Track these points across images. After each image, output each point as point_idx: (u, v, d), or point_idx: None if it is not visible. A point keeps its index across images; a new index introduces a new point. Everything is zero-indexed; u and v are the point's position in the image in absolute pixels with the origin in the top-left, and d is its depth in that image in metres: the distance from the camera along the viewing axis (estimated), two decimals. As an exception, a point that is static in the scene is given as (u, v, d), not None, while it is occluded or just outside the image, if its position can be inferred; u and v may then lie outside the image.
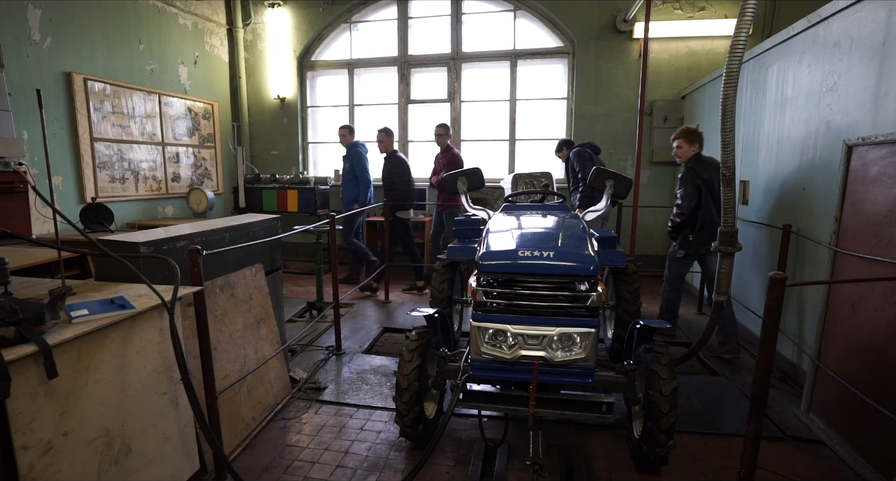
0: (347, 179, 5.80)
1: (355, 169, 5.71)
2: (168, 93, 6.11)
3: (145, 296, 1.81)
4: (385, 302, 5.22)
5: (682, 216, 3.70)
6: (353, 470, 2.40)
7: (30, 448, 1.36)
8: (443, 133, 5.77)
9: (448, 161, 5.67)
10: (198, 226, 2.73)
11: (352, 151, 5.77)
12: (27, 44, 4.45)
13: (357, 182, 5.74)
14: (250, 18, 7.24)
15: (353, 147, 5.79)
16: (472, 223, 3.57)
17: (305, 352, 3.82)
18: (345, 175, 5.83)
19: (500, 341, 2.19)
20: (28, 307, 1.41)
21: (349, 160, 5.76)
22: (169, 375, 1.90)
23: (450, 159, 5.68)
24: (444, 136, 5.78)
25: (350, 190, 5.81)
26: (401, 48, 7.01)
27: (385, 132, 5.76)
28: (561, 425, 2.76)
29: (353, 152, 5.76)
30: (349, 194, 5.82)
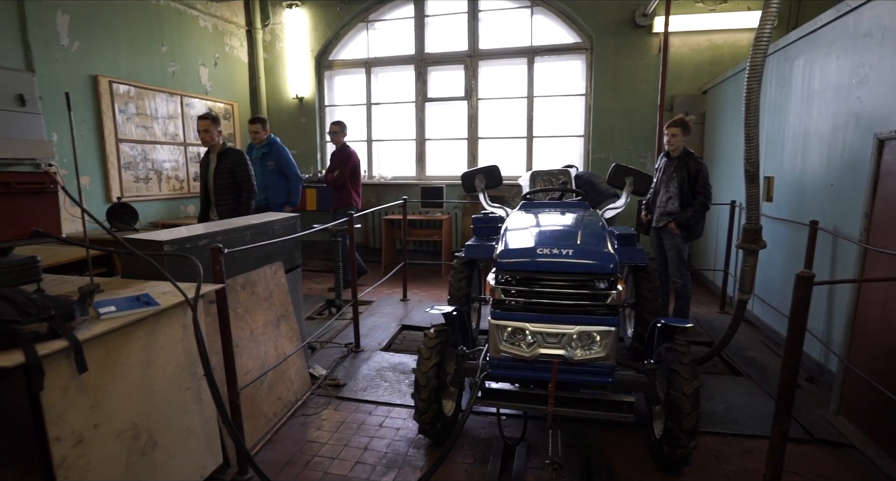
0: (273, 179, 5.02)
1: (283, 166, 5.02)
2: (189, 94, 6.21)
3: (169, 294, 1.84)
4: (404, 300, 5.24)
5: (707, 207, 3.78)
6: (372, 467, 2.42)
7: (63, 439, 1.40)
8: (337, 130, 5.59)
9: (342, 159, 5.54)
10: (219, 224, 2.78)
11: (275, 146, 5.06)
12: (56, 48, 4.57)
13: (286, 181, 5.07)
14: (269, 19, 7.32)
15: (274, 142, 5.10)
16: (489, 221, 3.56)
17: (324, 349, 3.85)
18: (269, 174, 5.01)
19: (518, 339, 2.18)
20: (59, 304, 1.45)
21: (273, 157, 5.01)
22: (192, 371, 1.94)
23: (343, 158, 5.55)
24: (339, 134, 5.61)
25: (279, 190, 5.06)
26: (417, 46, 7.02)
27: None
28: (580, 424, 2.74)
29: (277, 147, 5.08)
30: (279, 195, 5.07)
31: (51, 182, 1.73)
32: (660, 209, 3.99)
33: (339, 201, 5.52)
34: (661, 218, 3.97)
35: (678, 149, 3.87)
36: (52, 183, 1.74)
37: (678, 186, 3.82)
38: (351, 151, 5.56)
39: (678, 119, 3.87)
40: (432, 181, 7.06)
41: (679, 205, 3.83)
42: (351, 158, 5.50)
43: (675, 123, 3.85)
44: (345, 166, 5.44)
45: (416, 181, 7.18)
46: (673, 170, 3.87)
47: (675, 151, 3.88)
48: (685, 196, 3.81)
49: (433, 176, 7.29)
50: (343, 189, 5.49)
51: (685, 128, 3.84)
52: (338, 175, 5.43)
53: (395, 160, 7.51)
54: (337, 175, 5.43)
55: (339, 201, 5.52)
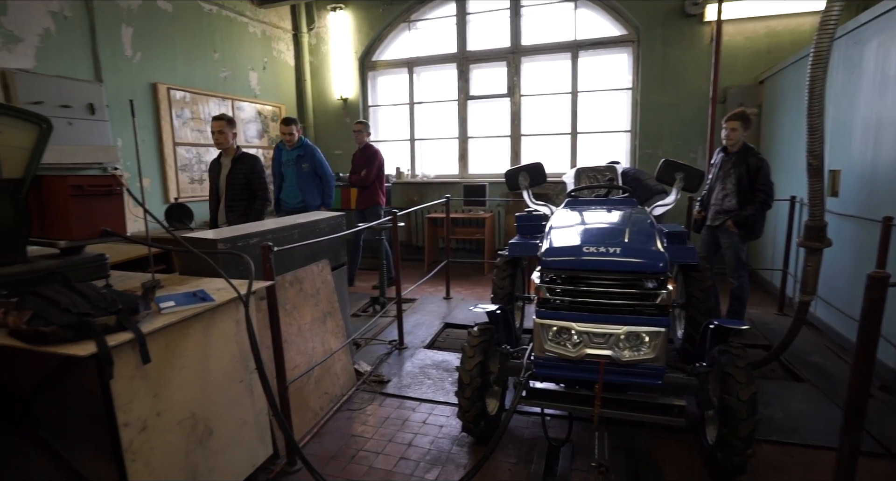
0: (308, 181, 5.02)
1: (317, 168, 5.02)
2: (240, 98, 6.46)
3: (223, 290, 1.92)
4: (447, 298, 5.26)
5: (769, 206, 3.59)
6: (415, 463, 2.44)
7: (130, 425, 1.49)
8: (361, 130, 5.56)
9: (368, 159, 5.50)
10: (268, 223, 2.87)
11: (308, 148, 5.05)
12: (121, 59, 4.87)
13: (320, 182, 5.07)
14: (314, 23, 7.51)
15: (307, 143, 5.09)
16: (533, 219, 3.51)
17: (369, 345, 3.92)
18: (304, 176, 5.01)
19: (564, 339, 2.15)
20: (125, 298, 1.54)
21: (308, 159, 5.00)
22: (245, 364, 2.01)
23: (369, 157, 5.51)
24: (363, 133, 5.56)
25: (315, 192, 5.06)
26: (459, 44, 7.02)
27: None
28: (628, 427, 2.66)
29: (311, 149, 5.06)
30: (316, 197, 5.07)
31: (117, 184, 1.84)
32: (715, 207, 3.80)
33: (367, 201, 5.55)
34: (717, 216, 3.78)
35: (737, 144, 3.67)
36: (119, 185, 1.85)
37: (736, 183, 3.62)
38: (376, 150, 5.60)
39: (738, 112, 3.66)
40: (475, 179, 7.05)
41: (737, 202, 3.63)
42: (377, 157, 5.53)
43: (735, 117, 3.65)
44: (371, 165, 5.45)
45: (459, 179, 7.18)
46: (731, 165, 3.68)
47: (733, 146, 3.69)
48: (743, 193, 3.61)
49: (476, 174, 7.27)
50: (370, 188, 5.52)
51: (745, 122, 3.64)
52: (365, 175, 5.44)
53: (438, 159, 7.54)
54: (364, 175, 5.45)
55: (367, 201, 5.55)
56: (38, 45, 4.20)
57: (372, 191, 5.53)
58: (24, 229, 1.68)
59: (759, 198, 3.56)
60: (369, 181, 5.48)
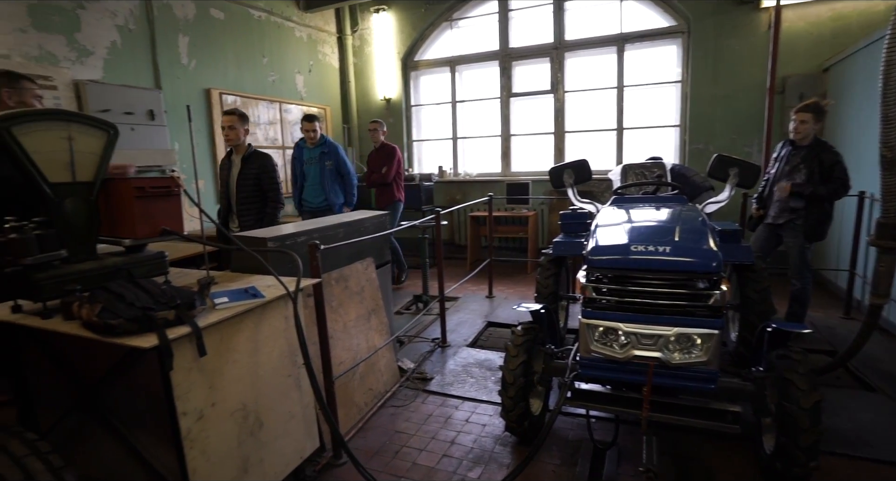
0: (332, 179, 4.91)
1: (339, 166, 4.91)
2: (287, 100, 6.67)
3: (273, 287, 1.98)
4: (489, 296, 5.24)
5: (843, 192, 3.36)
6: (458, 461, 2.45)
7: (188, 414, 1.57)
8: (377, 128, 5.49)
9: (386, 157, 5.42)
10: (314, 222, 2.95)
11: (332, 146, 4.94)
12: (178, 67, 5.13)
13: (342, 181, 4.97)
14: (357, 25, 7.64)
15: (329, 141, 4.98)
16: (578, 217, 3.45)
17: (412, 343, 3.96)
18: (327, 175, 4.90)
19: (611, 340, 2.09)
20: (183, 294, 1.62)
21: (332, 157, 4.89)
22: (293, 359, 2.08)
23: (387, 155, 5.44)
24: (379, 132, 5.49)
25: (338, 191, 4.96)
26: (502, 42, 6.97)
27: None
28: (678, 432, 2.58)
29: (334, 146, 4.94)
30: (339, 196, 4.98)
31: (175, 186, 1.93)
32: (779, 204, 3.57)
33: (387, 198, 5.50)
34: (782, 213, 3.54)
35: (807, 138, 3.42)
36: (177, 186, 1.94)
37: (806, 179, 3.37)
38: (394, 147, 5.57)
39: (811, 103, 3.40)
40: (518, 177, 6.98)
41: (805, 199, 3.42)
42: (395, 154, 5.52)
43: (807, 108, 3.38)
44: (391, 162, 5.43)
45: (502, 177, 7.14)
46: (800, 160, 3.43)
47: (803, 140, 3.43)
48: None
49: (518, 172, 7.21)
50: (389, 186, 5.50)
51: (818, 114, 3.37)
52: (386, 172, 5.42)
53: (481, 157, 7.52)
54: (385, 172, 5.42)
55: (387, 198, 5.50)
56: (105, 57, 4.48)
57: (392, 189, 5.51)
58: (95, 228, 1.79)
59: (834, 184, 3.30)
60: (389, 179, 5.45)
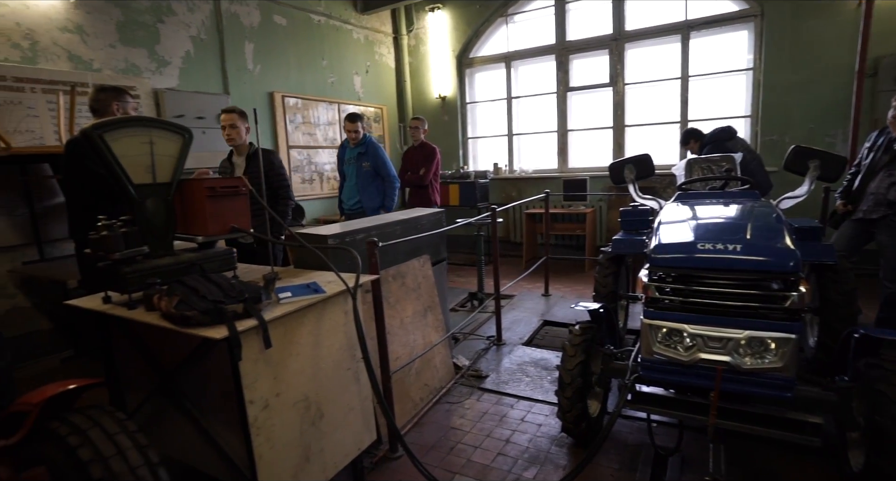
0: (367, 181, 4.65)
1: (378, 167, 4.63)
2: (345, 101, 6.86)
3: (333, 283, 2.04)
4: (545, 295, 5.16)
5: None
6: (513, 460, 2.43)
7: (254, 403, 1.66)
8: (418, 126, 5.22)
9: (426, 157, 5.17)
10: (373, 220, 3.02)
11: (371, 146, 4.66)
12: (244, 72, 5.40)
13: (382, 183, 4.68)
14: (413, 25, 7.73)
15: (370, 141, 4.70)
16: (639, 214, 3.32)
17: (467, 340, 3.97)
18: (363, 176, 4.66)
19: (675, 341, 2.00)
20: (250, 288, 1.70)
21: (369, 158, 4.62)
22: (352, 353, 2.13)
23: (427, 155, 5.18)
24: (420, 130, 5.23)
25: (374, 193, 4.68)
26: (558, 35, 6.82)
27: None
28: (748, 441, 2.43)
29: (373, 147, 4.68)
30: (374, 198, 4.69)
31: (243, 185, 2.03)
32: (874, 196, 3.26)
33: (422, 201, 5.19)
34: (877, 208, 3.24)
35: None
36: (244, 186, 2.04)
37: None
38: (434, 148, 5.32)
39: None
40: (575, 173, 6.82)
41: None
42: (436, 155, 5.26)
43: None
44: (431, 163, 5.19)
45: (559, 174, 7.00)
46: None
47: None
48: None
49: (576, 168, 7.04)
50: (425, 188, 5.25)
51: None
52: (424, 173, 5.18)
53: (537, 153, 7.42)
54: (423, 173, 5.18)
55: (422, 201, 5.19)
56: (180, 66, 4.80)
57: (428, 191, 5.27)
58: (172, 226, 1.92)
59: None
60: (427, 181, 5.20)
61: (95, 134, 1.69)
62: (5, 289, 3.71)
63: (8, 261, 3.71)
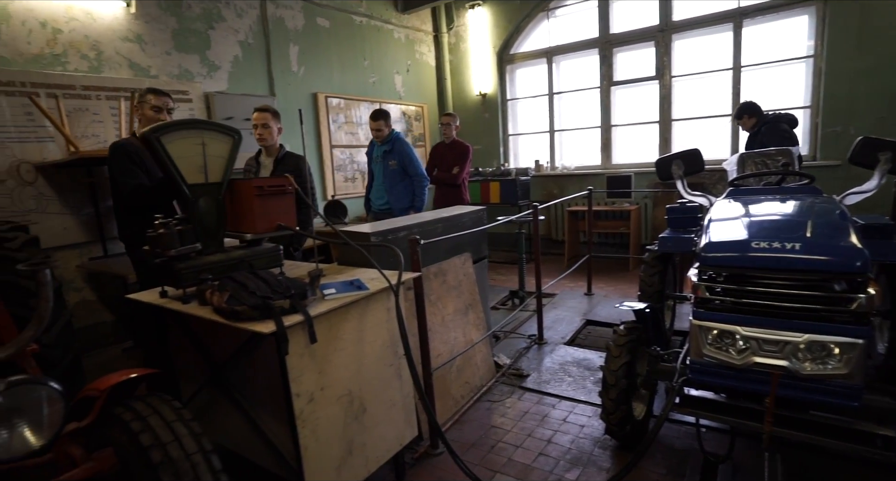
0: (395, 180, 4.45)
1: (406, 165, 4.40)
2: (386, 100, 6.93)
3: (375, 280, 2.07)
4: (588, 294, 5.06)
5: None
6: (555, 460, 2.40)
7: (300, 396, 1.70)
8: (449, 123, 5.05)
9: (459, 155, 4.98)
10: (414, 217, 3.04)
11: (398, 143, 4.45)
12: (289, 74, 5.56)
13: (410, 182, 4.46)
14: (453, 22, 7.72)
15: (397, 138, 4.48)
16: (687, 211, 3.19)
17: (508, 339, 3.94)
18: (390, 175, 4.47)
19: (726, 344, 1.91)
20: (296, 285, 1.75)
21: (396, 156, 4.41)
22: (394, 350, 2.16)
23: (460, 153, 5.00)
24: (451, 127, 5.04)
25: (402, 193, 4.48)
26: (602, 28, 6.65)
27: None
28: (808, 452, 2.30)
29: (400, 144, 4.46)
30: (403, 199, 4.49)
31: (289, 185, 2.09)
32: None
33: (453, 200, 4.91)
34: None
35: None
36: (290, 185, 2.10)
37: None
38: (468, 146, 5.15)
39: None
40: (619, 169, 6.65)
41: None
42: (469, 153, 5.11)
43: None
44: (464, 162, 5.02)
45: (602, 170, 6.83)
46: None
47: None
48: None
49: (620, 164, 6.86)
50: (457, 187, 5.08)
51: None
52: (457, 172, 5.01)
53: (579, 149, 7.27)
54: (456, 172, 5.01)
55: (453, 200, 4.91)
56: (229, 70, 4.98)
57: (457, 190, 5.08)
58: (222, 224, 2.00)
59: None
60: (460, 180, 5.03)
61: (153, 137, 1.77)
62: (74, 282, 3.98)
63: (76, 257, 3.97)
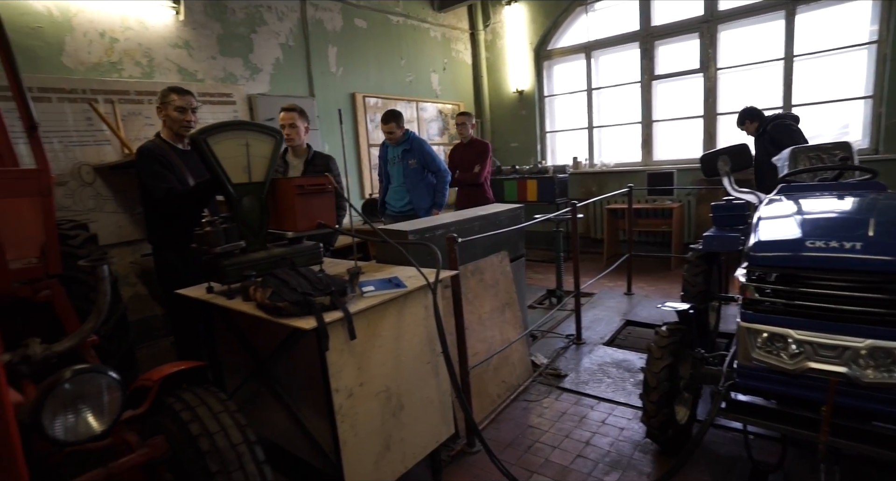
0: (416, 179, 4.37)
1: (427, 163, 4.33)
2: (423, 99, 6.96)
3: (413, 278, 2.09)
4: (628, 293, 4.95)
5: None
6: (594, 463, 2.36)
7: (340, 391, 1.73)
8: (465, 122, 4.86)
9: (479, 154, 4.80)
10: (452, 215, 3.04)
11: (415, 142, 4.37)
12: (328, 75, 5.66)
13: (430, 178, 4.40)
14: (489, 19, 7.68)
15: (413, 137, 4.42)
16: (733, 208, 3.06)
17: (545, 338, 3.90)
18: (411, 174, 4.37)
19: (778, 348, 1.82)
20: (336, 282, 1.78)
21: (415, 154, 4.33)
22: (431, 347, 2.17)
23: (480, 152, 4.81)
24: (467, 126, 4.86)
25: (423, 192, 4.40)
26: (643, 20, 6.46)
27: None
28: (869, 465, 2.16)
29: (418, 142, 4.38)
30: (424, 198, 4.41)
31: (329, 183, 2.13)
32: None
33: (477, 201, 4.66)
34: None
35: None
36: (329, 184, 2.14)
37: None
38: (487, 143, 4.98)
39: None
40: (661, 166, 6.46)
41: None
42: (489, 151, 4.94)
43: None
44: (484, 160, 4.85)
45: (642, 167, 6.66)
46: None
47: None
48: None
49: (661, 160, 6.66)
50: (480, 187, 4.90)
51: None
52: (479, 171, 4.83)
53: (618, 146, 7.11)
54: (478, 171, 4.84)
55: (477, 201, 4.66)
56: (271, 72, 5.12)
57: (483, 190, 4.91)
58: (265, 223, 2.06)
59: None
60: (482, 179, 4.86)
61: (200, 138, 1.84)
62: (127, 278, 4.18)
63: (129, 254, 4.17)
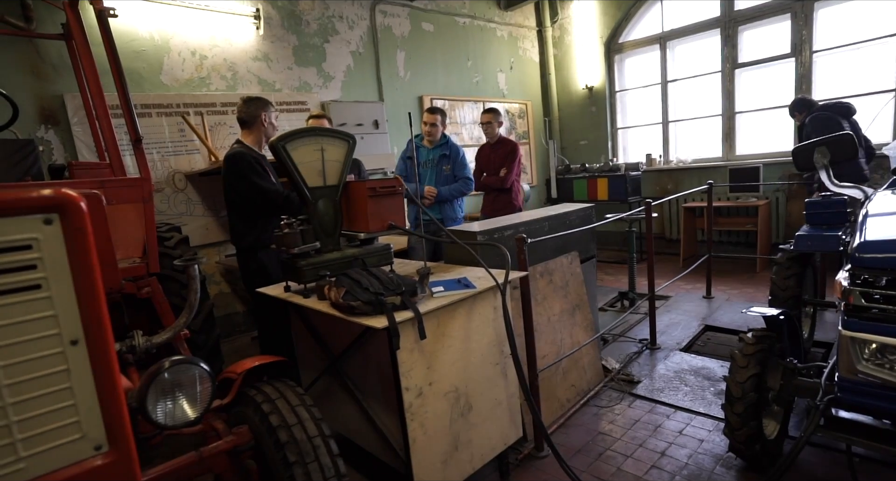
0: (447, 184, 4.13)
1: (457, 170, 4.10)
2: (489, 99, 6.94)
3: (482, 279, 2.08)
4: (707, 297, 4.66)
5: None
6: (670, 475, 2.24)
7: (409, 389, 1.77)
8: (491, 120, 4.40)
9: (506, 155, 4.35)
10: (521, 216, 3.01)
11: (453, 147, 4.14)
12: (396, 79, 5.80)
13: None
14: (557, 15, 7.51)
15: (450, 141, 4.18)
16: (831, 205, 2.77)
17: (617, 342, 3.76)
18: (441, 181, 4.12)
19: (890, 360, 1.64)
20: (406, 282, 1.82)
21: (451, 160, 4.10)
22: (500, 349, 2.15)
23: (508, 153, 4.35)
24: (494, 125, 4.41)
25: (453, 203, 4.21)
26: (725, 5, 6.05)
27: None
28: None
29: (455, 148, 4.14)
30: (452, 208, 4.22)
31: (399, 186, 2.18)
32: None
33: (505, 206, 4.39)
34: None
35: None
36: (400, 186, 2.19)
37: None
38: (515, 144, 4.48)
39: None
40: (745, 161, 6.02)
41: None
42: (518, 152, 4.44)
43: None
44: (512, 162, 4.39)
45: (724, 162, 6.24)
46: None
47: None
48: None
49: (745, 154, 6.21)
50: (507, 192, 4.47)
51: None
52: (506, 174, 4.39)
53: (696, 141, 6.71)
54: (504, 175, 4.40)
55: (505, 206, 4.39)
56: (342, 79, 5.33)
57: (510, 195, 4.48)
58: (339, 224, 2.14)
59: None
60: (509, 183, 4.43)
61: (280, 145, 1.95)
62: (213, 276, 4.52)
63: (215, 254, 4.50)
